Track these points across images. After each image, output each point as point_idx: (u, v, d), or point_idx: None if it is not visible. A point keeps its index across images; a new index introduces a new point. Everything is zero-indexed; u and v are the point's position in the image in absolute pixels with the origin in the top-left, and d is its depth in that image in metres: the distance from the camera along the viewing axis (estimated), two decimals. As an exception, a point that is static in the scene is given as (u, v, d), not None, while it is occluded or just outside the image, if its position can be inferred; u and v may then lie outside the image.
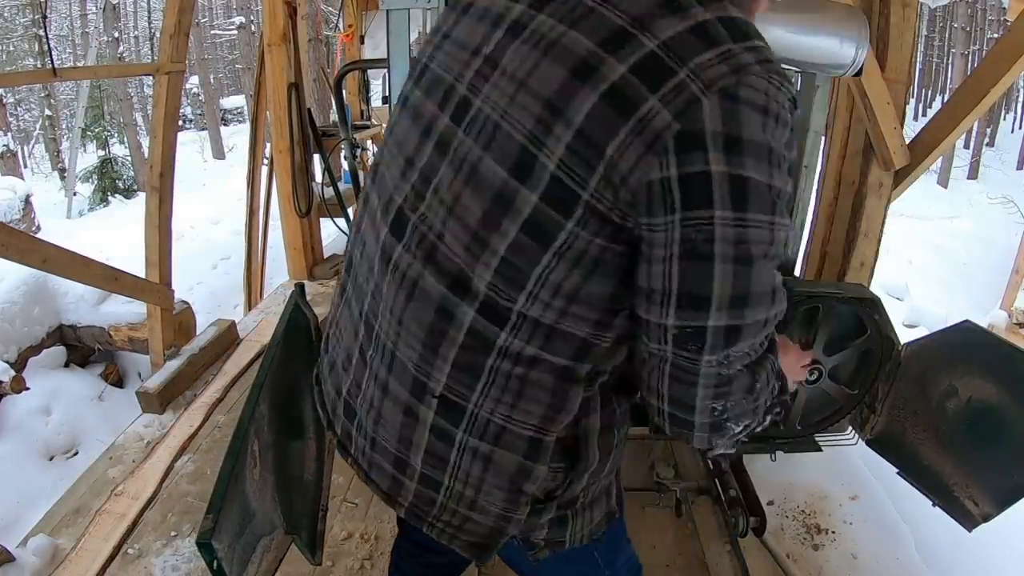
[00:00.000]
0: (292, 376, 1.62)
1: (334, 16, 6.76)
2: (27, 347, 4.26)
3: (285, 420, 1.51)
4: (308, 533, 1.52)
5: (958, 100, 2.49)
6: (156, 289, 3.30)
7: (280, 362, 1.51)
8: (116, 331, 4.43)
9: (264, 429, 1.34)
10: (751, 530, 2.13)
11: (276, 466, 1.38)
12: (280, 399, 1.48)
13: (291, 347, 1.62)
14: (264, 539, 1.27)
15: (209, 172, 14.70)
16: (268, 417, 1.36)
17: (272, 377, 1.43)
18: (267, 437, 1.35)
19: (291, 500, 1.46)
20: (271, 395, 1.40)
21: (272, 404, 1.40)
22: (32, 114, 20.74)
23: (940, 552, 2.53)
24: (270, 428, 1.37)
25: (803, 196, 2.03)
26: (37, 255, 2.54)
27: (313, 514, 1.60)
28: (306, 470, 1.63)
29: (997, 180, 16.93)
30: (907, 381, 2.00)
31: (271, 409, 1.39)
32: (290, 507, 1.44)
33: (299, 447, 1.62)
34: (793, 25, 1.68)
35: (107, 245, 6.72)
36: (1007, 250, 8.13)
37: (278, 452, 1.40)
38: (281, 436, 1.45)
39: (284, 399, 1.52)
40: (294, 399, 1.63)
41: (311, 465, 1.67)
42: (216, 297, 6.73)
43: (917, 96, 26.13)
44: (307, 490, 1.60)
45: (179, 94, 3.28)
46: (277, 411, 1.44)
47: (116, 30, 16.04)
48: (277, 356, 1.49)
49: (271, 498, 1.33)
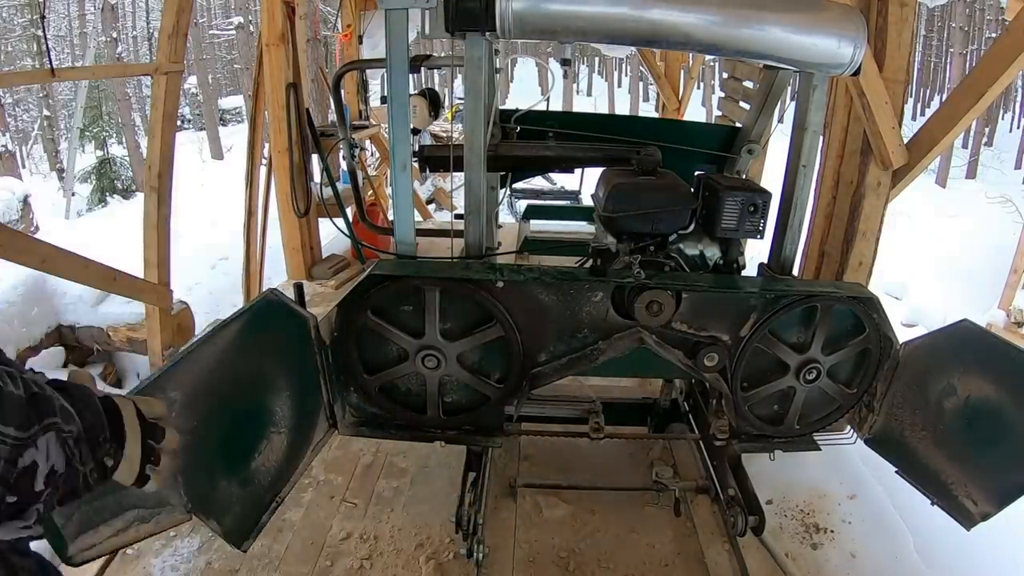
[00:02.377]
0: (256, 368, 1.64)
1: (332, 16, 6.75)
2: (26, 347, 4.25)
3: (227, 409, 1.55)
4: (237, 519, 1.56)
5: (956, 99, 2.49)
6: (155, 289, 3.30)
7: (232, 353, 1.55)
8: (115, 331, 4.43)
9: (171, 415, 1.37)
10: (750, 529, 2.13)
11: (190, 451, 1.40)
12: (224, 388, 1.52)
13: (257, 342, 1.63)
14: (140, 511, 1.33)
15: (207, 172, 14.68)
16: (183, 403, 1.40)
17: (204, 365, 1.48)
18: (180, 422, 1.38)
19: (213, 484, 1.51)
20: (197, 382, 1.44)
21: (198, 392, 1.44)
22: (30, 114, 20.73)
23: (939, 551, 2.53)
24: (185, 413, 1.40)
25: (801, 195, 2.04)
26: (36, 255, 2.53)
27: (257, 503, 1.64)
28: (259, 461, 1.66)
29: (995, 179, 16.96)
30: (905, 380, 2.00)
31: (194, 396, 1.43)
32: (208, 490, 1.49)
33: (252, 438, 1.65)
34: (791, 24, 1.68)
35: (106, 246, 6.69)
36: (1005, 249, 8.14)
37: (199, 438, 1.43)
38: (210, 423, 1.48)
39: (232, 389, 1.56)
40: (253, 391, 1.65)
41: (271, 457, 1.69)
42: (215, 297, 6.71)
43: (915, 95, 26.17)
44: (253, 479, 1.64)
45: (177, 94, 3.28)
46: (210, 399, 1.48)
47: (114, 30, 16.02)
48: (219, 347, 1.52)
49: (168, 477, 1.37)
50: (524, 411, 2.31)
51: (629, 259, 1.94)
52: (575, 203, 8.97)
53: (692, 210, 2.02)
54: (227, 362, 1.53)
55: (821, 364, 2.01)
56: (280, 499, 1.72)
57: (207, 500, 1.47)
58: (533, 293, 1.90)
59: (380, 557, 2.29)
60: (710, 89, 25.44)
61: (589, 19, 1.66)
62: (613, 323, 1.95)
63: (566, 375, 2.03)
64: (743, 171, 2.40)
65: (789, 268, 2.12)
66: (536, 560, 2.30)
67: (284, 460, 1.74)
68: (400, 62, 1.85)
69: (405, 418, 2.04)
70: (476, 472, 2.19)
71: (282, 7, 3.91)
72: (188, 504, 1.39)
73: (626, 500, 2.57)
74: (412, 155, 1.97)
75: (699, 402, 2.48)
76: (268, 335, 1.69)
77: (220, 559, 2.23)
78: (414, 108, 3.25)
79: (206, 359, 1.49)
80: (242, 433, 1.62)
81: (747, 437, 2.17)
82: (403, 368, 1.96)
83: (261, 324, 1.65)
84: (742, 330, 1.97)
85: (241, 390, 1.60)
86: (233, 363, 1.55)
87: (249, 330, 1.60)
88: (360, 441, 2.82)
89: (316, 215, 4.54)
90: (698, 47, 1.72)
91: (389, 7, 1.79)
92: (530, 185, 9.91)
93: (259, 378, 1.67)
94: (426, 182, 9.41)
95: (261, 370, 1.67)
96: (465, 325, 1.92)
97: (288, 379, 1.74)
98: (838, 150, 2.88)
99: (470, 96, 1.87)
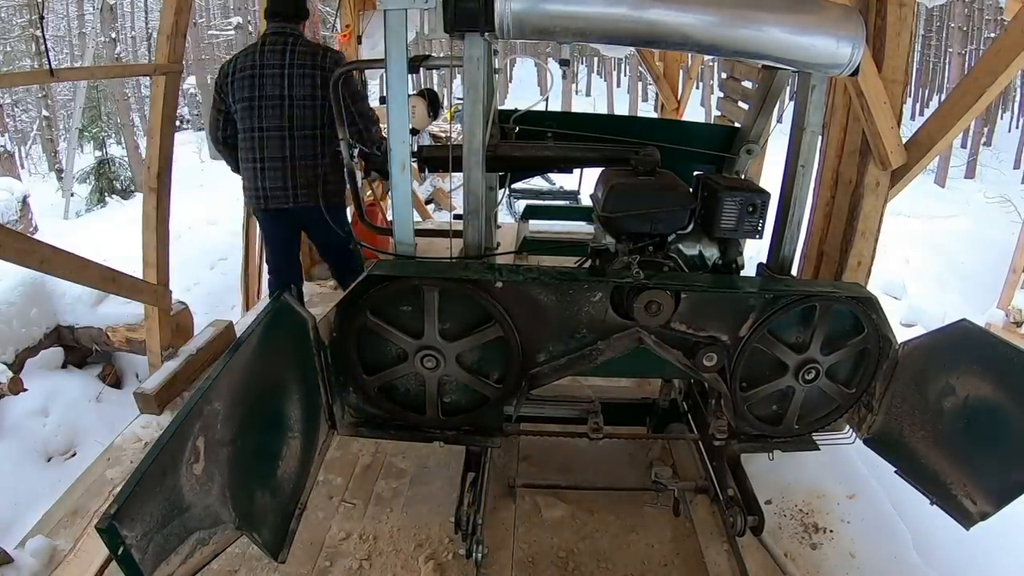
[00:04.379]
0: (273, 374, 1.63)
1: (331, 16, 6.75)
2: (25, 348, 4.25)
3: (255, 418, 1.51)
4: (272, 531, 1.53)
5: (955, 99, 2.49)
6: (154, 290, 3.29)
7: (254, 361, 1.52)
8: (114, 332, 4.43)
9: (217, 426, 1.35)
10: (749, 529, 2.13)
11: (233, 462, 1.38)
12: (251, 397, 1.49)
13: (274, 346, 1.62)
14: (200, 532, 1.28)
15: (206, 173, 14.63)
16: (225, 415, 1.37)
17: (237, 375, 1.45)
18: (220, 434, 1.36)
19: (251, 497, 1.47)
20: (233, 392, 1.41)
21: (235, 401, 1.41)
22: (29, 115, 20.69)
23: (938, 550, 2.53)
24: (227, 425, 1.38)
25: (800, 195, 2.04)
26: (35, 256, 2.53)
27: (284, 512, 1.61)
28: (282, 468, 1.64)
29: (994, 179, 16.98)
30: (904, 380, 2.00)
31: (232, 406, 1.40)
32: (249, 503, 1.45)
33: (275, 445, 1.63)
34: (790, 25, 1.68)
35: (104, 246, 6.69)
36: (1004, 249, 8.14)
37: (238, 449, 1.41)
38: (245, 433, 1.45)
39: (257, 397, 1.53)
40: (274, 397, 1.63)
41: (291, 463, 1.68)
42: (213, 298, 6.71)
43: (914, 95, 26.17)
44: (280, 488, 1.61)
45: (176, 95, 3.27)
46: (243, 409, 1.45)
47: (113, 30, 15.99)
48: (247, 355, 1.49)
49: (219, 493, 1.34)
50: (523, 411, 2.31)
51: (628, 259, 1.94)
52: (574, 203, 8.96)
53: (691, 210, 2.02)
54: (250, 369, 1.52)
55: (820, 364, 2.01)
56: (303, 505, 1.70)
57: (249, 514, 1.45)
58: (532, 293, 1.90)
59: (379, 557, 2.29)
60: (709, 89, 25.46)
61: (588, 19, 1.66)
62: (612, 323, 1.95)
63: (565, 375, 2.03)
64: (742, 171, 2.40)
65: (788, 268, 2.12)
66: (535, 560, 2.30)
67: (300, 465, 1.73)
68: (399, 62, 1.85)
69: (404, 418, 2.04)
70: (475, 472, 2.19)
71: (281, 7, 3.89)
72: (235, 520, 1.37)
73: (625, 500, 2.57)
74: (411, 155, 1.97)
75: (698, 402, 2.48)
76: (280, 339, 1.68)
77: (219, 559, 2.21)
78: (413, 108, 3.25)
79: (238, 366, 1.47)
80: (268, 441, 1.61)
81: (746, 437, 2.17)
82: (402, 368, 1.96)
83: (275, 328, 1.65)
84: (741, 330, 1.97)
85: (263, 397, 1.59)
86: (255, 370, 1.54)
87: (267, 335, 1.59)
88: (359, 441, 2.82)
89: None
90: (697, 47, 1.72)
91: (388, 7, 1.79)
92: (529, 185, 9.90)
93: (276, 383, 1.66)
94: (425, 182, 9.40)
95: (277, 375, 1.67)
96: (464, 325, 1.92)
97: (296, 382, 1.74)
98: (837, 150, 2.88)
99: (469, 96, 1.87)
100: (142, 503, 1.12)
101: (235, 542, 1.42)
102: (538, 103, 2.41)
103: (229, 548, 1.40)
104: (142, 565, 1.10)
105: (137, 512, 1.10)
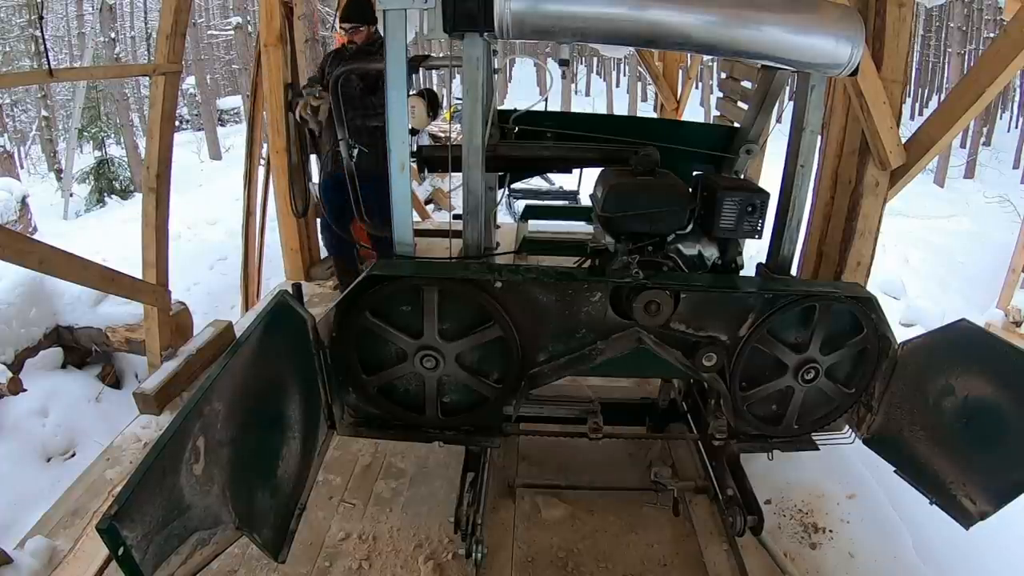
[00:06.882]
0: (273, 375, 1.63)
1: (331, 16, 6.75)
2: (24, 348, 4.24)
3: (255, 418, 1.51)
4: (272, 531, 1.53)
5: (954, 99, 2.49)
6: (153, 290, 3.28)
7: (254, 361, 1.52)
8: (113, 332, 4.42)
9: (217, 426, 1.35)
10: (748, 529, 2.13)
11: (233, 462, 1.38)
12: (250, 397, 1.49)
13: (273, 346, 1.62)
14: (201, 532, 1.29)
15: (206, 173, 14.65)
16: (225, 415, 1.37)
17: (237, 375, 1.45)
18: (221, 434, 1.36)
19: (251, 497, 1.48)
20: (233, 392, 1.41)
21: (234, 402, 1.41)
22: (28, 115, 20.67)
23: (938, 550, 2.54)
24: (227, 425, 1.38)
25: (800, 195, 2.04)
26: (34, 256, 2.53)
27: (284, 512, 1.61)
28: (282, 468, 1.64)
29: (993, 179, 16.96)
30: (904, 380, 2.00)
31: (232, 407, 1.40)
32: (249, 504, 1.45)
33: (275, 445, 1.63)
34: (789, 25, 1.68)
35: (104, 246, 6.69)
36: (1004, 249, 8.13)
37: (238, 449, 1.41)
38: (246, 433, 1.45)
39: (257, 397, 1.53)
40: (274, 397, 1.63)
41: (290, 463, 1.68)
42: (213, 298, 6.70)
43: (913, 95, 26.18)
44: (279, 488, 1.61)
45: (176, 95, 3.27)
46: (242, 409, 1.45)
47: (112, 31, 15.98)
48: (247, 355, 1.49)
49: (219, 493, 1.34)
50: (523, 411, 2.31)
51: (627, 259, 1.94)
52: (573, 203, 8.95)
53: (690, 210, 2.02)
54: (250, 369, 1.52)
55: (819, 364, 2.01)
56: (302, 505, 1.70)
57: (249, 514, 1.45)
58: (531, 293, 1.90)
59: (379, 557, 2.29)
60: (708, 89, 25.44)
61: (587, 19, 1.66)
62: (611, 323, 1.95)
63: (564, 375, 2.03)
64: (741, 171, 2.40)
65: (787, 268, 2.12)
66: (535, 560, 2.30)
67: (300, 465, 1.73)
68: (398, 63, 1.85)
69: (404, 418, 2.04)
70: (475, 472, 2.19)
71: (280, 7, 3.90)
72: (236, 520, 1.37)
73: (625, 500, 2.57)
74: (410, 155, 1.97)
75: (698, 402, 2.48)
76: (280, 339, 1.68)
77: (219, 559, 2.21)
78: (412, 109, 3.24)
79: (238, 367, 1.47)
80: (268, 441, 1.61)
81: (746, 437, 2.17)
82: (402, 368, 1.96)
83: (275, 327, 1.65)
84: (740, 330, 1.97)
85: (263, 397, 1.59)
86: (255, 369, 1.54)
87: (267, 334, 1.59)
88: (359, 441, 2.82)
89: (314, 215, 4.54)
90: (696, 47, 1.72)
91: (387, 7, 1.79)
92: (528, 185, 9.89)
93: (276, 382, 1.66)
94: (424, 182, 9.40)
95: (277, 375, 1.67)
96: (463, 325, 1.92)
97: (296, 382, 1.74)
98: (836, 150, 2.88)
99: (468, 96, 1.87)
100: (142, 503, 1.12)
101: (235, 542, 1.42)
102: (537, 103, 2.41)
103: (229, 548, 1.40)
104: (142, 566, 1.11)
105: (137, 512, 1.11)
